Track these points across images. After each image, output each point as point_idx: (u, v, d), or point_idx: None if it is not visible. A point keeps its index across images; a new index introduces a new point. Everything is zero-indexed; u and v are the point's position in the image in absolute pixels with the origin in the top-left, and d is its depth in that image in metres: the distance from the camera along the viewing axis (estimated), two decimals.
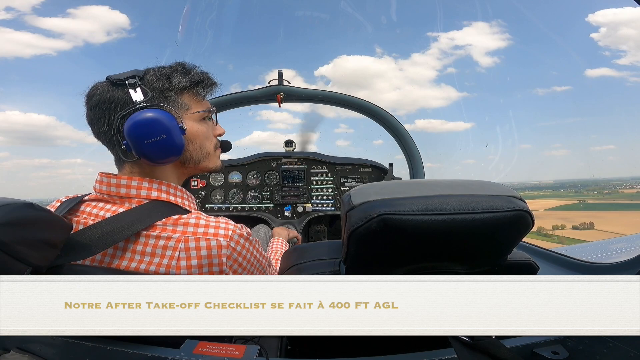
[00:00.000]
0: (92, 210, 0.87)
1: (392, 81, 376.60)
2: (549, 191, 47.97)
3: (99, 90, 0.88)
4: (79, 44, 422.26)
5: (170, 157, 0.88)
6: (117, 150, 0.89)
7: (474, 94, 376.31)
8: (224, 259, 0.84)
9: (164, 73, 0.91)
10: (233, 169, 2.68)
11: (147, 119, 0.84)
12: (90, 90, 0.90)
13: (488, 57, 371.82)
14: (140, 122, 0.83)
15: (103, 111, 0.87)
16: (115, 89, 0.87)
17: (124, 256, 0.82)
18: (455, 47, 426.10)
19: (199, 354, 0.65)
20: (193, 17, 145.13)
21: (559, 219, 39.27)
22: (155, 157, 0.87)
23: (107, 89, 0.87)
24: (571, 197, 48.36)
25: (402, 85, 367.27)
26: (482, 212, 0.65)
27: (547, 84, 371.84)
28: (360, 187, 0.74)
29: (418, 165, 2.59)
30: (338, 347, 0.75)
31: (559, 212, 42.99)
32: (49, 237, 0.71)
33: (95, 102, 0.87)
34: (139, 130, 0.83)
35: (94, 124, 0.89)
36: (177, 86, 0.91)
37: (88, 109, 0.89)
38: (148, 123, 0.84)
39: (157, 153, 0.86)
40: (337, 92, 2.53)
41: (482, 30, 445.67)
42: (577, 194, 49.22)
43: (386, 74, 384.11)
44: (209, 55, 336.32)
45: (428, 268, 0.74)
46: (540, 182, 60.30)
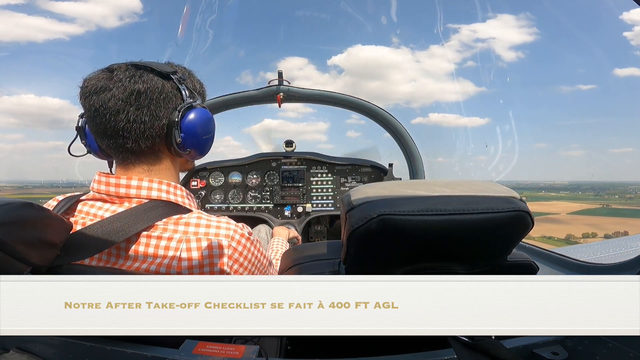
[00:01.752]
0: (90, 210, 0.87)
1: (408, 73, 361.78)
2: (567, 192, 47.00)
3: (144, 78, 0.85)
4: (92, 29, 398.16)
5: (206, 153, 0.98)
6: (155, 143, 0.88)
7: (492, 89, 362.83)
8: (225, 258, 0.84)
9: (187, 73, 0.96)
10: (233, 169, 2.68)
11: (207, 116, 0.93)
12: (124, 72, 0.84)
13: (512, 51, 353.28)
14: (203, 118, 0.91)
15: (152, 101, 0.85)
16: (164, 80, 0.87)
17: (125, 256, 0.82)
18: (476, 39, 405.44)
19: (198, 354, 0.65)
20: None
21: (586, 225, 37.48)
22: (204, 152, 0.97)
23: (155, 78, 0.86)
24: (591, 200, 47.00)
25: (418, 78, 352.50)
26: (481, 212, 0.65)
27: (572, 82, 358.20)
28: (360, 187, 0.74)
29: (418, 165, 2.60)
30: (338, 347, 0.75)
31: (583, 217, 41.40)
32: (49, 237, 0.71)
33: (144, 90, 0.84)
34: (201, 126, 0.90)
35: (133, 111, 0.83)
36: (199, 89, 0.99)
37: (126, 94, 0.83)
38: (207, 120, 0.92)
39: (207, 148, 0.97)
40: (337, 93, 2.53)
41: (507, 23, 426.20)
42: (598, 197, 48.03)
43: (402, 65, 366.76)
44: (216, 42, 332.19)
45: (428, 268, 0.74)
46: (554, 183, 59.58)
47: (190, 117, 0.88)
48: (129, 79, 0.84)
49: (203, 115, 0.91)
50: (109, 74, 0.84)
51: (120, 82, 0.83)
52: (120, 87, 0.83)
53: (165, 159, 0.92)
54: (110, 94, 0.83)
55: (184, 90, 0.89)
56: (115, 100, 0.83)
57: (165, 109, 0.87)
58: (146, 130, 0.85)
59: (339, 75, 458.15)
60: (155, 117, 0.86)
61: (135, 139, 0.86)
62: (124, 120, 0.84)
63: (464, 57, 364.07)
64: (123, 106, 0.83)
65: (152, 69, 0.86)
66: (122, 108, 0.83)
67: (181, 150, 0.89)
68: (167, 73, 0.87)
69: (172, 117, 0.86)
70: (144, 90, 0.84)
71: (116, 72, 0.85)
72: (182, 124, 0.87)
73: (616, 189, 44.67)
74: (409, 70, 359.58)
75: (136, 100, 0.83)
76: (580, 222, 39.27)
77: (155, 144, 0.88)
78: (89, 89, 0.84)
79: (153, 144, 0.88)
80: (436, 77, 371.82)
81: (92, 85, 0.84)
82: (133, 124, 0.84)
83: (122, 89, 0.83)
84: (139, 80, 0.84)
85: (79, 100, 0.87)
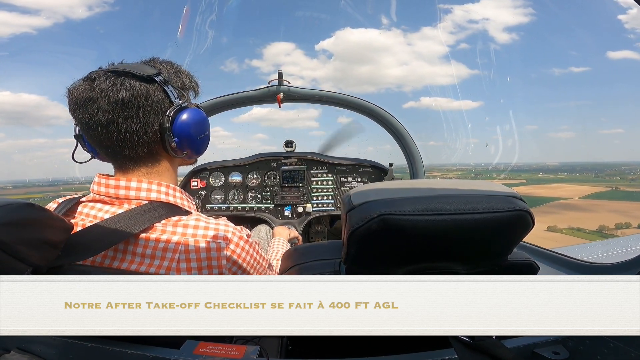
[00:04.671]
0: (90, 212, 0.87)
1: (399, 56, 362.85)
2: (564, 174, 45.86)
3: (126, 85, 0.81)
4: (59, 20, 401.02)
5: (203, 152, 0.98)
6: (152, 148, 0.87)
7: (485, 72, 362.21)
8: (223, 260, 0.84)
9: (173, 70, 0.93)
10: (233, 169, 2.68)
11: (199, 116, 0.90)
12: (105, 82, 0.81)
13: (505, 33, 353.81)
14: (195, 119, 0.89)
15: (139, 108, 0.82)
16: (147, 85, 0.83)
17: (123, 258, 0.82)
18: (470, 20, 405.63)
19: (199, 354, 0.65)
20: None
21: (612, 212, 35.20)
22: (201, 151, 0.97)
23: (137, 84, 0.82)
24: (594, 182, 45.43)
25: (410, 61, 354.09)
26: (482, 212, 0.65)
27: (564, 64, 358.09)
28: (360, 187, 0.74)
29: (418, 165, 2.60)
30: (338, 347, 0.75)
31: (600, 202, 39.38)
32: (49, 237, 0.71)
33: (128, 98, 0.81)
34: (194, 127, 0.89)
35: (122, 121, 0.82)
36: (188, 84, 0.95)
37: (111, 105, 0.80)
38: (200, 120, 0.90)
39: (203, 148, 0.96)
40: (337, 93, 2.53)
41: (502, 3, 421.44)
42: (599, 178, 46.70)
43: (393, 48, 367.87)
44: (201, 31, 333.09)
45: (428, 268, 0.74)
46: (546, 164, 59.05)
47: (181, 120, 0.86)
48: (110, 87, 0.81)
49: (195, 116, 0.88)
50: (90, 84, 0.82)
51: (102, 93, 0.80)
52: (104, 97, 0.80)
53: (163, 161, 0.93)
54: (96, 106, 0.81)
55: (170, 92, 0.86)
56: (103, 113, 0.81)
57: (155, 114, 0.85)
58: (140, 138, 0.85)
59: (328, 60, 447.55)
60: (147, 123, 0.84)
61: (131, 147, 0.86)
62: (115, 131, 0.82)
63: (458, 39, 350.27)
64: (111, 118, 0.81)
65: (134, 74, 0.82)
66: (111, 120, 0.81)
67: (177, 153, 0.90)
68: (150, 76, 0.83)
69: (163, 122, 0.85)
70: (128, 98, 0.81)
71: (97, 81, 0.82)
72: (174, 129, 0.86)
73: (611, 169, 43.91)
74: (401, 53, 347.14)
75: (122, 111, 0.81)
76: (603, 209, 37.78)
77: (151, 148, 0.88)
78: (74, 101, 0.83)
79: (150, 149, 0.88)
80: (429, 60, 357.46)
81: (76, 98, 0.82)
82: (125, 134, 0.83)
83: (106, 100, 0.80)
84: (121, 89, 0.81)
85: (69, 112, 0.86)
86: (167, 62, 0.94)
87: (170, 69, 0.92)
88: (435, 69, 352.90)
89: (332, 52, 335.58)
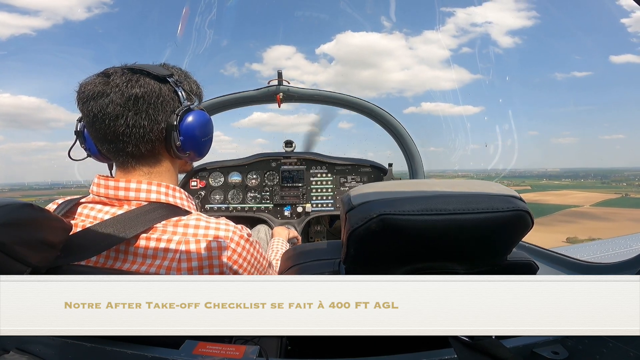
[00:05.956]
0: (90, 213, 0.87)
1: (401, 60, 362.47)
2: (568, 180, 45.27)
3: (141, 82, 0.84)
4: (59, 22, 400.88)
5: (205, 154, 1.00)
6: (155, 147, 0.88)
7: (487, 76, 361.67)
8: (224, 259, 0.84)
9: (183, 75, 0.96)
10: (232, 169, 2.68)
11: (205, 118, 0.93)
12: (121, 77, 0.84)
13: (508, 36, 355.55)
14: (201, 121, 0.91)
15: (150, 105, 0.85)
16: (161, 84, 0.87)
17: (125, 259, 0.82)
18: (472, 24, 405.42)
19: (198, 354, 0.65)
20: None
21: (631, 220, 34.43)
22: (203, 153, 0.98)
23: (151, 82, 0.85)
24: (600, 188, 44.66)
25: (412, 65, 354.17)
26: (481, 212, 0.65)
27: (567, 69, 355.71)
28: (360, 187, 0.74)
29: (418, 165, 2.60)
30: (338, 347, 0.75)
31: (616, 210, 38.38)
32: (49, 238, 0.70)
33: (141, 94, 0.84)
34: (199, 128, 0.91)
35: (132, 116, 0.84)
36: (196, 90, 0.99)
37: (124, 99, 0.83)
38: (205, 122, 0.93)
39: (206, 150, 0.98)
40: (337, 93, 2.54)
41: (505, 5, 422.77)
42: (605, 185, 46.01)
43: (395, 52, 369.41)
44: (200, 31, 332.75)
45: (428, 268, 0.74)
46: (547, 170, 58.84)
47: (188, 120, 0.89)
48: (125, 83, 0.83)
49: (201, 117, 0.92)
50: (105, 79, 0.84)
51: (117, 87, 0.83)
52: (118, 92, 0.83)
53: (164, 161, 0.93)
54: (108, 99, 0.82)
55: (180, 93, 0.89)
56: (114, 106, 0.82)
57: (164, 112, 0.87)
58: (146, 134, 0.86)
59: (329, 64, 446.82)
60: (154, 121, 0.86)
61: (135, 143, 0.86)
62: (124, 125, 0.84)
63: (460, 43, 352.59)
64: (122, 111, 0.83)
65: (149, 73, 0.86)
66: (120, 113, 0.83)
67: (181, 153, 0.90)
68: (164, 76, 0.87)
69: (170, 121, 0.87)
70: (141, 94, 0.84)
71: (112, 76, 0.84)
72: (181, 128, 0.88)
73: (612, 175, 43.46)
74: (403, 57, 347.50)
75: (134, 105, 0.84)
76: (620, 217, 36.97)
77: (154, 147, 0.89)
78: (86, 94, 0.84)
79: (153, 147, 0.89)
80: (431, 64, 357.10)
81: (89, 91, 0.83)
82: (132, 129, 0.85)
83: (119, 94, 0.83)
84: (136, 85, 0.84)
85: (76, 105, 0.87)
86: (177, 67, 0.98)
87: (181, 73, 0.96)
88: (437, 73, 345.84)
89: (333, 56, 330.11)
